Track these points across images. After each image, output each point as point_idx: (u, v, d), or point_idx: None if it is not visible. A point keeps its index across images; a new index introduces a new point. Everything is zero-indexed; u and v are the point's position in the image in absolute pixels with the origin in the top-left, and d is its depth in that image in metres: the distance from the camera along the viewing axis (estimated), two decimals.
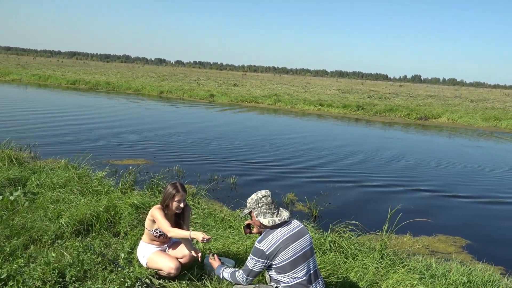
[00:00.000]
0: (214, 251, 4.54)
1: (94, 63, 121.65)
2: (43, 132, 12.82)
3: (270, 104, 28.52)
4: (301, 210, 7.33)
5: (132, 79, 42.71)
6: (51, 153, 9.81)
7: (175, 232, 3.73)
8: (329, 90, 46.28)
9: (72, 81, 36.12)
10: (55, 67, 61.27)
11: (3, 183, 6.35)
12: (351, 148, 14.04)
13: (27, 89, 29.37)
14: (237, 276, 3.37)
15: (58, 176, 6.81)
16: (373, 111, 26.47)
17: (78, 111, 18.55)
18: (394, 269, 4.65)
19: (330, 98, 33.01)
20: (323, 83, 76.32)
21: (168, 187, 3.89)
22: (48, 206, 5.44)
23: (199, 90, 33.49)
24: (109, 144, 11.71)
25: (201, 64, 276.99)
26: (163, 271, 3.84)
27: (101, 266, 4.02)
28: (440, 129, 21.87)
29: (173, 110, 22.49)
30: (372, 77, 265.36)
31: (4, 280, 3.53)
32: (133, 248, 4.53)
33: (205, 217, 5.88)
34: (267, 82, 58.11)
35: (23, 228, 4.75)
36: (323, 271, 4.28)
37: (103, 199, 5.67)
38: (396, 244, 6.00)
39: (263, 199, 3.34)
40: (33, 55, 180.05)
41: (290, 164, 10.83)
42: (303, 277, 3.19)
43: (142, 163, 9.64)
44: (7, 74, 38.85)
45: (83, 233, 4.91)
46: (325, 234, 5.41)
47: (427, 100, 38.58)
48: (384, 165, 11.52)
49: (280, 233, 3.24)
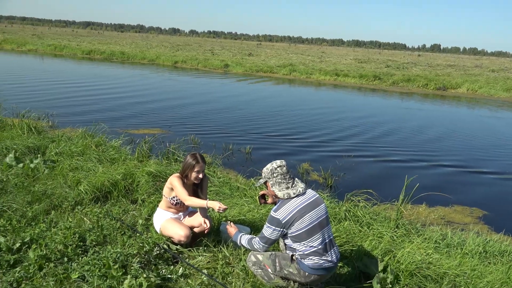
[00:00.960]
0: (230, 219, 4.59)
1: (109, 33, 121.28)
2: (61, 102, 12.97)
3: (285, 74, 28.19)
4: (316, 180, 7.33)
5: (146, 49, 42.54)
6: (68, 122, 9.93)
7: (192, 200, 3.78)
8: (345, 60, 45.43)
9: (87, 51, 36.17)
10: (70, 37, 61.28)
11: (23, 151, 6.48)
12: (368, 120, 13.89)
13: (43, 59, 29.55)
14: (253, 243, 3.42)
15: (76, 144, 6.92)
16: (390, 81, 25.96)
17: (94, 81, 18.64)
18: (409, 238, 4.66)
19: (346, 68, 32.42)
20: (339, 52, 74.89)
21: (188, 157, 3.91)
22: (67, 174, 5.55)
23: (213, 60, 33.22)
24: (125, 114, 11.79)
25: (215, 33, 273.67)
26: (174, 238, 3.91)
27: (120, 231, 4.12)
28: (459, 100, 21.41)
29: (188, 80, 22.43)
30: (389, 47, 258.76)
31: (27, 243, 3.64)
32: (150, 215, 4.61)
33: (221, 186, 5.93)
34: (282, 52, 57.28)
35: (44, 195, 4.86)
36: (338, 239, 4.30)
37: (120, 167, 5.75)
38: (411, 214, 5.98)
39: (278, 169, 3.33)
40: (48, 25, 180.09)
41: (303, 136, 10.79)
42: (319, 246, 3.21)
43: (158, 132, 9.71)
44: (23, 45, 39.06)
45: (102, 200, 5.01)
46: (340, 203, 5.41)
47: (447, 70, 37.62)
48: (402, 139, 11.33)
49: (296, 202, 3.24)
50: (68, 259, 3.45)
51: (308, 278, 3.24)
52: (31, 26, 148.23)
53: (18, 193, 4.85)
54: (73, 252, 3.54)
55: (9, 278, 3.14)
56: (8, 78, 17.78)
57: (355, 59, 49.14)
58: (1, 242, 3.56)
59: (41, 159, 5.92)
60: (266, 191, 3.80)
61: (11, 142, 6.73)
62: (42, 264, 3.33)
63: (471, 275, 3.78)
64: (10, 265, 3.35)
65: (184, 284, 3.33)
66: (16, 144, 6.64)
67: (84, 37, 64.16)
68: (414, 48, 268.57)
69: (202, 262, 3.78)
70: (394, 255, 4.03)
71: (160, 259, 3.69)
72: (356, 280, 3.80)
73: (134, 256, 3.53)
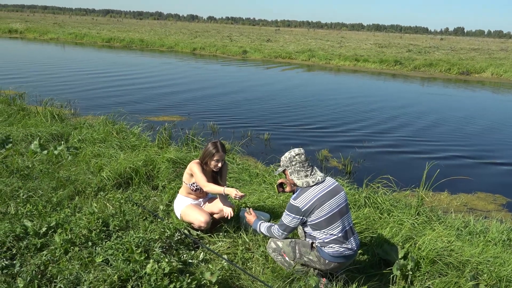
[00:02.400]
0: (250, 205, 4.62)
1: (128, 21, 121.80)
2: (82, 90, 13.17)
3: (304, 60, 27.91)
4: (335, 166, 7.29)
5: (165, 36, 42.64)
6: (90, 109, 10.09)
7: (210, 187, 3.81)
8: (365, 45, 44.61)
9: (107, 39, 36.49)
10: (90, 25, 61.87)
11: (47, 138, 6.63)
12: (386, 104, 13.70)
13: (64, 47, 29.96)
14: (272, 230, 3.43)
15: (97, 131, 7.04)
16: (411, 66, 25.42)
17: (115, 69, 18.84)
18: (431, 226, 4.60)
19: (366, 53, 31.87)
20: (359, 37, 73.56)
21: (209, 146, 3.92)
22: (90, 160, 5.66)
23: (231, 46, 33.09)
24: (144, 101, 11.91)
25: (233, 19, 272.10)
26: (194, 224, 3.95)
27: (142, 217, 4.19)
28: (483, 84, 20.84)
29: (206, 67, 22.44)
30: (411, 30, 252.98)
31: (53, 227, 3.75)
32: (171, 201, 4.68)
33: (240, 172, 5.96)
34: (301, 37, 56.61)
35: (68, 181, 4.98)
36: (358, 226, 4.29)
37: (141, 154, 5.83)
38: (432, 201, 5.90)
39: (297, 157, 3.32)
40: (69, 14, 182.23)
41: (321, 123, 10.71)
42: (339, 234, 3.20)
43: (177, 119, 9.78)
44: (45, 33, 39.65)
45: (124, 186, 5.10)
46: (359, 190, 5.37)
47: (470, 54, 36.58)
48: (425, 128, 11.04)
49: (316, 190, 3.23)
50: (92, 244, 3.54)
51: (328, 265, 3.25)
52: (52, 14, 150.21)
53: (43, 179, 4.98)
54: (97, 237, 3.63)
55: (36, 261, 3.25)
56: (31, 67, 18.11)
57: (375, 43, 48.22)
58: (28, 227, 3.67)
59: (65, 146, 6.05)
60: (285, 179, 3.81)
61: (36, 130, 6.89)
62: (68, 248, 3.43)
63: (494, 263, 3.72)
64: (37, 249, 3.46)
65: (205, 269, 3.38)
66: (40, 132, 6.79)
67: (104, 25, 64.67)
68: (436, 32, 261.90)
69: (222, 248, 3.83)
70: (415, 242, 3.99)
71: (181, 244, 3.75)
72: (376, 267, 3.79)
73: (156, 241, 3.60)
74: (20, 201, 4.32)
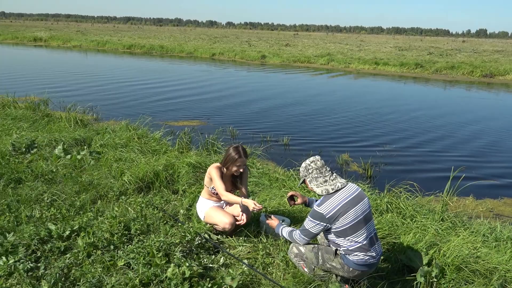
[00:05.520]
0: (270, 210, 4.60)
1: (148, 27, 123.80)
2: (104, 95, 13.40)
3: (323, 64, 27.77)
4: (355, 170, 7.21)
5: (184, 42, 43.12)
6: (111, 115, 10.25)
7: (227, 196, 3.81)
8: (385, 48, 44.18)
9: (128, 45, 37.12)
10: (111, 32, 63.10)
11: (70, 143, 6.76)
12: (407, 108, 13.48)
13: (87, 54, 30.59)
14: (294, 235, 3.40)
15: (119, 136, 7.14)
16: (433, 69, 25.00)
17: (137, 76, 19.12)
18: (455, 232, 4.48)
19: (386, 56, 31.52)
20: (378, 40, 72.95)
21: (231, 150, 3.91)
22: (112, 165, 5.74)
23: (250, 51, 33.20)
24: (165, 106, 12.03)
25: (252, 25, 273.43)
26: (218, 226, 3.96)
27: (163, 221, 4.22)
28: (508, 87, 20.33)
29: (226, 72, 22.56)
30: (432, 33, 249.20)
31: (76, 231, 3.81)
32: (191, 205, 4.69)
33: (260, 176, 5.94)
34: (319, 41, 56.44)
35: (90, 185, 5.05)
36: (380, 231, 4.21)
37: (161, 158, 5.88)
38: (457, 207, 5.76)
39: (312, 164, 3.29)
40: (91, 22, 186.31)
41: (341, 127, 10.62)
42: (364, 241, 3.14)
43: (197, 124, 9.84)
44: (68, 41, 40.61)
45: (145, 190, 5.14)
46: (381, 195, 5.28)
47: (494, 56, 35.76)
48: (449, 132, 10.89)
49: (340, 197, 3.18)
50: (114, 247, 3.58)
51: (352, 273, 3.20)
52: (75, 22, 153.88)
53: (67, 183, 5.07)
54: (118, 240, 3.66)
55: (60, 264, 3.30)
56: (55, 74, 18.55)
57: (395, 46, 47.71)
58: (52, 230, 3.74)
59: (87, 151, 6.16)
60: (294, 192, 3.80)
61: (60, 135, 7.04)
62: (90, 251, 3.47)
63: None
64: (61, 252, 3.51)
65: (225, 273, 3.37)
66: (64, 137, 6.93)
67: (125, 32, 65.87)
68: (458, 34, 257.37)
69: (243, 252, 3.81)
70: (440, 248, 3.89)
71: (201, 249, 3.75)
72: (399, 273, 3.71)
73: (177, 245, 3.61)
74: (44, 204, 4.40)
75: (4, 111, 8.74)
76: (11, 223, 3.96)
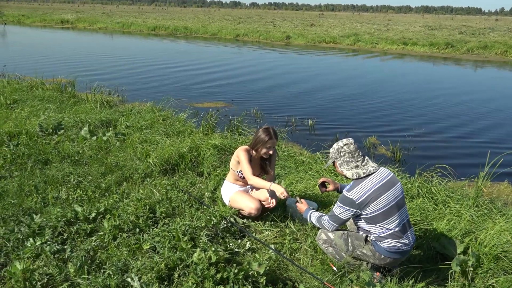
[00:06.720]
0: (297, 193, 4.48)
1: (172, 9, 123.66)
2: (129, 77, 13.46)
3: (349, 44, 27.11)
4: (383, 154, 6.99)
5: (208, 23, 42.83)
6: (136, 96, 10.26)
7: (254, 181, 3.69)
8: (414, 27, 42.73)
9: (153, 27, 37.13)
10: (136, 14, 63.33)
11: (96, 124, 6.77)
12: (439, 88, 13.01)
13: (113, 36, 30.79)
14: (322, 221, 3.27)
15: (144, 118, 7.11)
16: (464, 49, 24.03)
17: (161, 57, 19.12)
18: (492, 219, 4.26)
19: (415, 36, 30.47)
20: (407, 20, 70.67)
21: (260, 132, 3.78)
22: (137, 146, 5.72)
23: (274, 32, 32.69)
24: (189, 88, 11.99)
25: (276, 5, 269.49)
26: (244, 211, 3.88)
27: (188, 204, 4.16)
28: None
29: (250, 54, 22.31)
30: (463, 12, 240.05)
31: (102, 213, 3.79)
32: (216, 188, 4.62)
33: (286, 159, 5.82)
34: (345, 21, 55.10)
35: (116, 166, 5.04)
36: (412, 217, 4.03)
37: (186, 140, 5.82)
38: (491, 192, 5.50)
39: (345, 147, 3.13)
40: (116, 4, 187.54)
41: (369, 109, 10.33)
42: (396, 228, 3.00)
43: (221, 106, 9.75)
44: (94, 23, 40.93)
45: (170, 172, 5.10)
46: (411, 179, 5.07)
47: None
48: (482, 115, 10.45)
49: (371, 182, 3.02)
50: (139, 230, 3.54)
51: (384, 260, 3.07)
52: (101, 5, 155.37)
53: (93, 164, 5.08)
54: (144, 223, 3.62)
55: (86, 246, 3.29)
56: (81, 55, 18.73)
57: (424, 26, 46.11)
58: (78, 212, 3.73)
59: (113, 132, 6.15)
60: (326, 178, 3.65)
61: (86, 116, 7.06)
62: (116, 234, 3.45)
63: None
64: (87, 234, 3.50)
65: (252, 258, 3.29)
66: (90, 118, 6.95)
67: (149, 14, 65.98)
68: (491, 12, 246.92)
69: (269, 237, 3.72)
70: (476, 236, 3.71)
71: (227, 233, 3.67)
72: (432, 261, 3.57)
73: (202, 229, 3.54)
74: (70, 186, 4.41)
75: (32, 93, 8.84)
76: (38, 204, 3.98)
